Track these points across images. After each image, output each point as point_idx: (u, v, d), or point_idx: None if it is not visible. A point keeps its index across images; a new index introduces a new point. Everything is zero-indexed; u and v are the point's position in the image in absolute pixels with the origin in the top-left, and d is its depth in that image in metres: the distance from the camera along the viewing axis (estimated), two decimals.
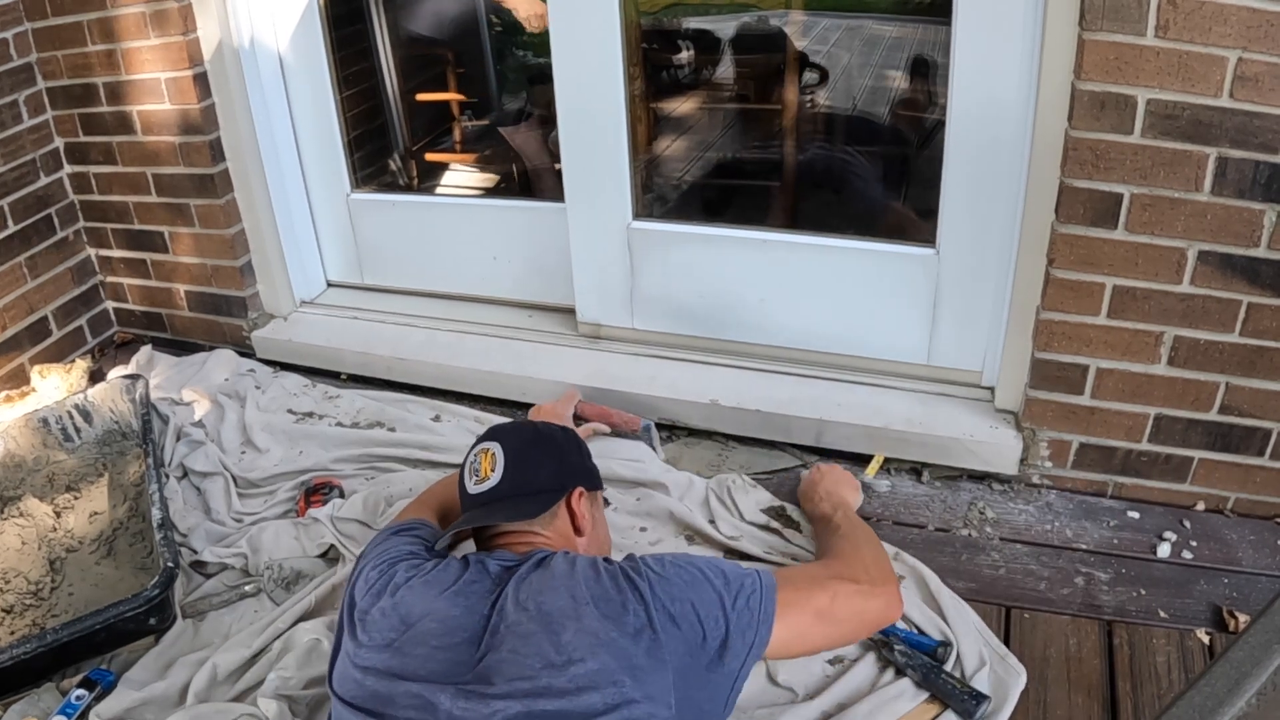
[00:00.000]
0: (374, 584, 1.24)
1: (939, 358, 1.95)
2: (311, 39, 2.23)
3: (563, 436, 1.46)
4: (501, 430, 1.43)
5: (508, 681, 1.08)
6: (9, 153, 2.23)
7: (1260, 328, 1.55)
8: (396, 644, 1.16)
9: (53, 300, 2.40)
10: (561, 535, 1.34)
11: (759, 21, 2.68)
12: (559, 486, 1.36)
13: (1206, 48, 1.39)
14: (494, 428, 1.45)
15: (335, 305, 2.46)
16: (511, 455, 1.34)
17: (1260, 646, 0.72)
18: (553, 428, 1.48)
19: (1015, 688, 1.37)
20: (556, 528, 1.34)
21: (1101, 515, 1.73)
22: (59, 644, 1.43)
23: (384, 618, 1.19)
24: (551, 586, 1.16)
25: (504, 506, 1.32)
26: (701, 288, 2.07)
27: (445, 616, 1.17)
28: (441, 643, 1.15)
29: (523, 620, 1.13)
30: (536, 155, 2.77)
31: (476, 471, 1.34)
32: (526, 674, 1.09)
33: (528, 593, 1.16)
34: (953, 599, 1.51)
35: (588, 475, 1.45)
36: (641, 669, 1.10)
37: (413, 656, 1.14)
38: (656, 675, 1.10)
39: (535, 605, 1.14)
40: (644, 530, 1.71)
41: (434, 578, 1.23)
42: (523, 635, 1.12)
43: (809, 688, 1.37)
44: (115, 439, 2.01)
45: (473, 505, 1.34)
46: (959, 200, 1.78)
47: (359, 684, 1.16)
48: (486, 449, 1.36)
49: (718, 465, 1.92)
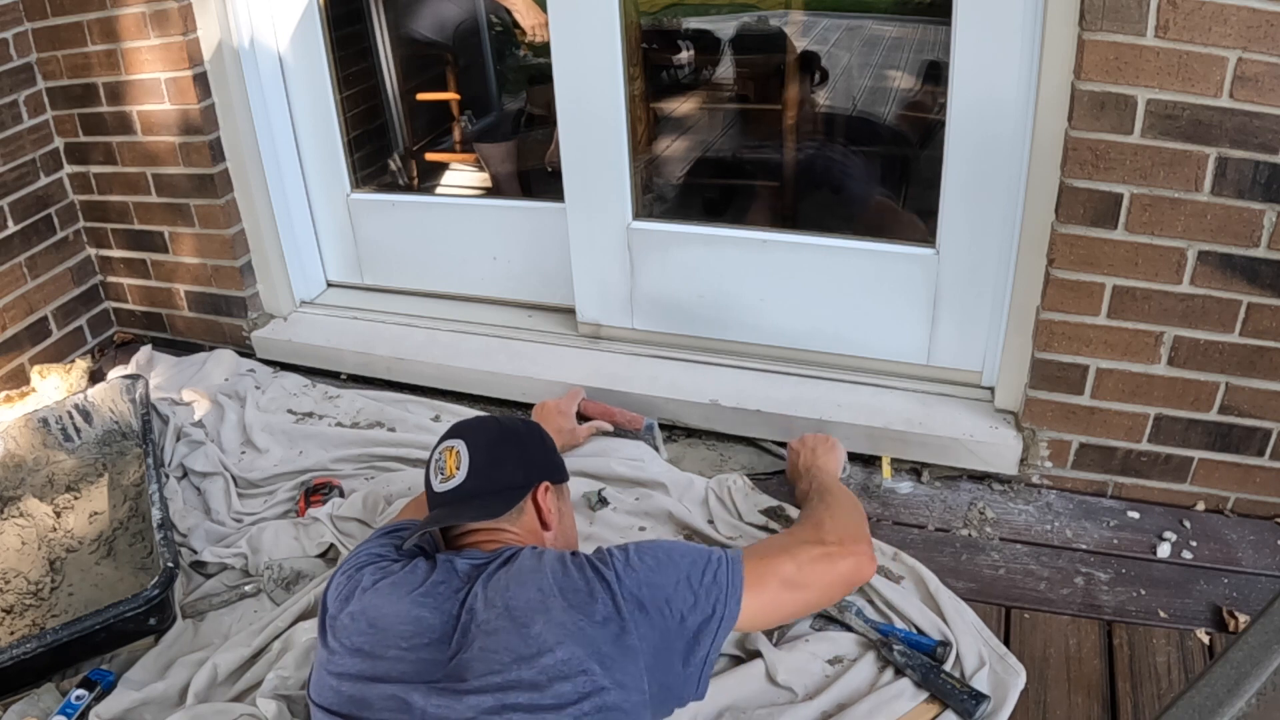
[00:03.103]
0: (342, 589, 1.25)
1: (939, 358, 1.95)
2: (311, 39, 2.23)
3: (526, 431, 1.45)
4: (465, 427, 1.41)
5: (479, 677, 1.10)
6: (9, 153, 2.23)
7: (1260, 328, 1.55)
8: (367, 648, 1.17)
9: (53, 300, 2.40)
10: (529, 530, 1.34)
11: (759, 21, 2.68)
12: (524, 483, 1.35)
13: (1206, 48, 1.39)
14: (458, 424, 1.43)
15: (335, 305, 2.46)
16: (476, 453, 1.33)
17: (1260, 647, 0.72)
18: (516, 422, 1.47)
19: (1015, 687, 1.37)
20: (523, 524, 1.34)
21: (1101, 515, 1.73)
22: (59, 644, 1.43)
23: (353, 622, 1.20)
24: (519, 581, 1.17)
25: (470, 506, 1.31)
26: (701, 288, 2.07)
27: (414, 618, 1.18)
28: (412, 644, 1.16)
29: (491, 617, 1.14)
30: (500, 164, 2.80)
31: (442, 470, 1.33)
32: (497, 668, 1.10)
33: (496, 590, 1.17)
34: (951, 599, 1.51)
35: (553, 469, 1.43)
36: (610, 656, 1.11)
37: (384, 659, 1.15)
38: (627, 662, 1.12)
39: (503, 601, 1.15)
40: (643, 530, 1.70)
41: (401, 579, 1.23)
42: (492, 631, 1.13)
43: (808, 688, 1.37)
44: (115, 439, 2.01)
45: (439, 504, 1.33)
46: (959, 200, 1.78)
47: (335, 690, 1.17)
48: (451, 447, 1.35)
49: (719, 466, 1.92)
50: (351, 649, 1.18)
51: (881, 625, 1.46)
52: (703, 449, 1.97)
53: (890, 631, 1.44)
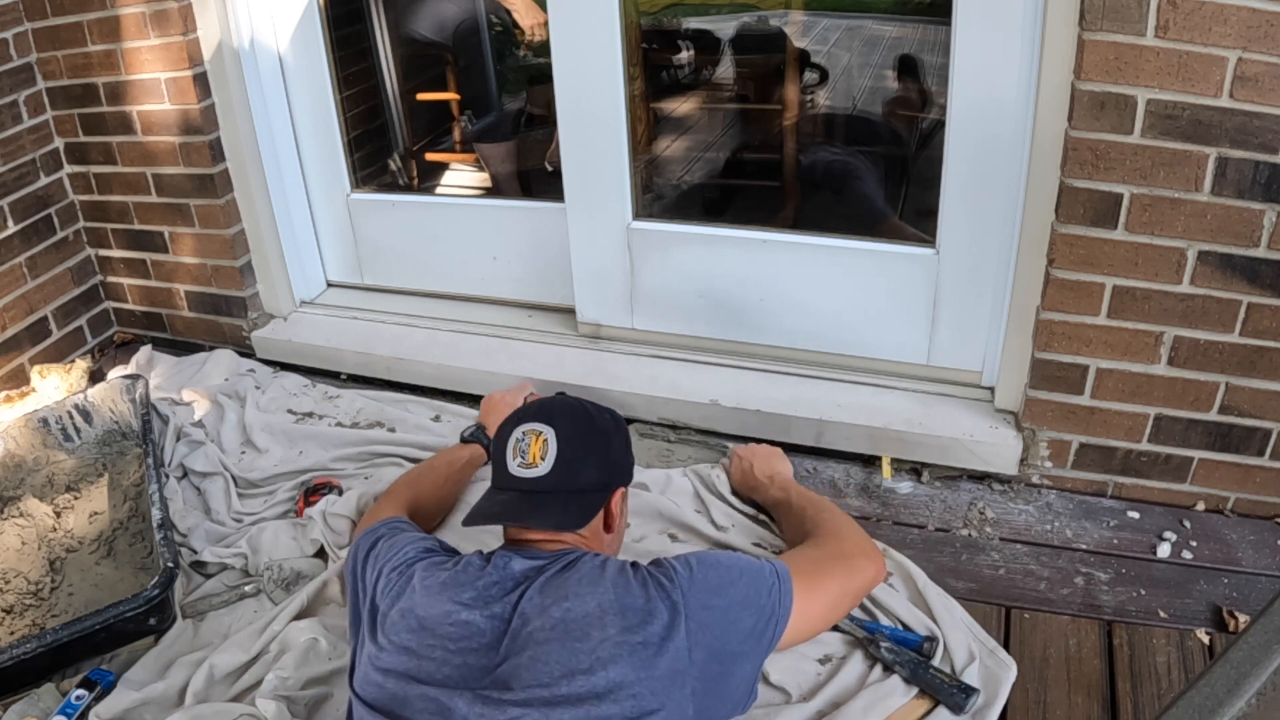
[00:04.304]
0: (394, 585, 1.22)
1: (939, 358, 1.95)
2: (311, 39, 2.23)
3: (614, 428, 1.36)
4: (554, 409, 1.31)
5: (525, 689, 1.07)
6: (9, 153, 2.23)
7: (1260, 328, 1.55)
8: (414, 647, 1.14)
9: (53, 300, 2.40)
10: (593, 532, 1.29)
11: (759, 21, 2.68)
12: (604, 486, 1.29)
13: (1206, 48, 1.39)
14: (545, 403, 1.33)
15: (335, 305, 2.45)
16: (564, 445, 1.25)
17: (1260, 646, 0.72)
18: (605, 415, 1.36)
19: (1006, 681, 1.37)
20: (591, 526, 1.28)
21: (1101, 515, 1.73)
22: (59, 644, 1.43)
23: (402, 619, 1.17)
24: (578, 593, 1.13)
25: (550, 508, 1.23)
26: (701, 288, 2.07)
27: (463, 621, 1.14)
28: (459, 647, 1.13)
29: (545, 626, 1.11)
30: (500, 164, 2.80)
31: (524, 453, 1.24)
32: (545, 681, 1.07)
33: (553, 597, 1.13)
34: (940, 595, 1.51)
35: (628, 471, 1.37)
36: (662, 679, 1.09)
37: (429, 660, 1.13)
38: (677, 684, 1.10)
39: (560, 611, 1.11)
40: (628, 526, 1.69)
41: (452, 578, 1.19)
42: (543, 641, 1.10)
43: (802, 687, 1.37)
44: (115, 439, 2.01)
45: (514, 489, 1.25)
46: (959, 200, 1.78)
47: (379, 686, 1.14)
48: (539, 431, 1.25)
49: (667, 458, 1.92)
50: (399, 646, 1.15)
51: (867, 623, 1.45)
52: (692, 448, 1.96)
53: (876, 629, 1.44)
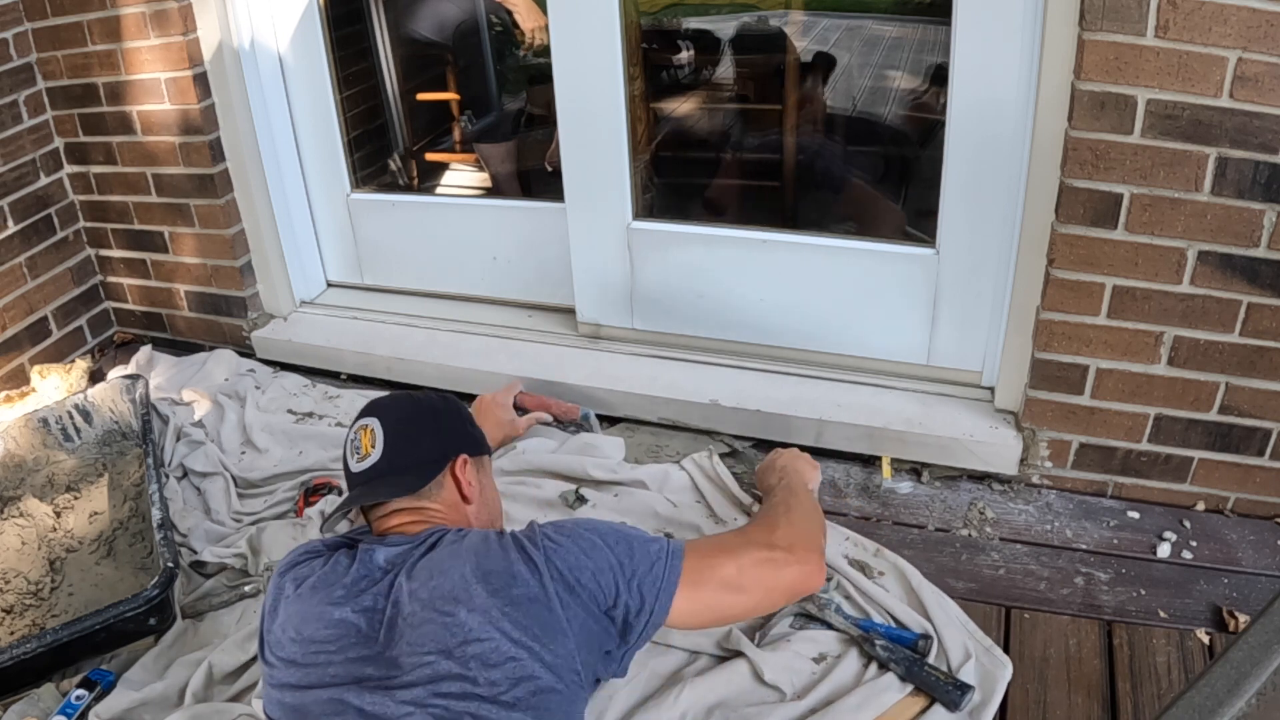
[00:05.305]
0: (271, 599, 1.25)
1: (939, 358, 1.95)
2: (311, 39, 2.23)
3: (442, 405, 1.43)
4: (379, 405, 1.39)
5: (409, 671, 1.10)
6: (9, 153, 2.23)
7: (1260, 328, 1.55)
8: (299, 658, 1.17)
9: (53, 300, 2.40)
10: (450, 505, 1.33)
11: (759, 21, 2.68)
12: (440, 456, 1.33)
13: (1206, 48, 1.39)
14: (372, 403, 1.41)
15: (335, 305, 2.45)
16: (390, 430, 1.31)
17: (1260, 647, 0.72)
18: (431, 397, 1.44)
19: (1002, 679, 1.37)
20: (445, 499, 1.32)
21: (1101, 515, 1.72)
22: (59, 644, 1.43)
23: (283, 633, 1.19)
24: (441, 570, 1.16)
25: (386, 483, 1.29)
26: (701, 288, 2.07)
27: (337, 621, 1.16)
28: (339, 646, 1.15)
29: (416, 609, 1.13)
30: (500, 164, 2.80)
31: (357, 449, 1.31)
32: (426, 660, 1.10)
33: (419, 580, 1.16)
34: (935, 593, 1.51)
35: (471, 441, 1.41)
36: (537, 640, 1.11)
37: (315, 666, 1.15)
38: (555, 643, 1.12)
39: (428, 591, 1.14)
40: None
41: (321, 579, 1.21)
42: (417, 624, 1.12)
43: (796, 686, 1.37)
44: (115, 439, 2.02)
45: (356, 483, 1.31)
46: (959, 200, 1.78)
47: (279, 703, 1.17)
48: (365, 425, 1.32)
49: (656, 452, 1.93)
50: (286, 661, 1.18)
51: (861, 621, 1.45)
52: (692, 443, 1.95)
53: (870, 627, 1.44)
